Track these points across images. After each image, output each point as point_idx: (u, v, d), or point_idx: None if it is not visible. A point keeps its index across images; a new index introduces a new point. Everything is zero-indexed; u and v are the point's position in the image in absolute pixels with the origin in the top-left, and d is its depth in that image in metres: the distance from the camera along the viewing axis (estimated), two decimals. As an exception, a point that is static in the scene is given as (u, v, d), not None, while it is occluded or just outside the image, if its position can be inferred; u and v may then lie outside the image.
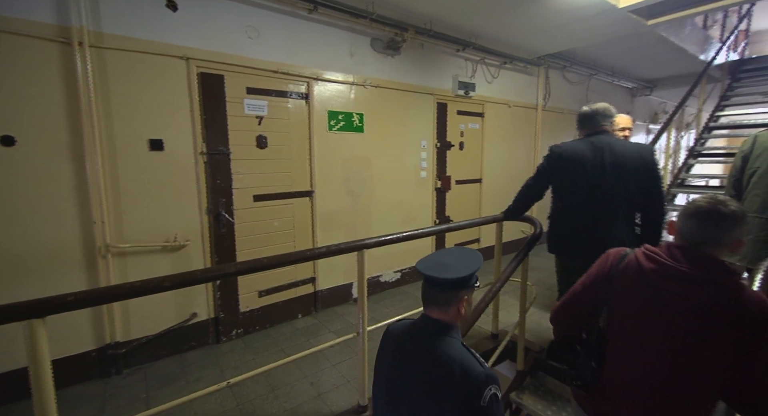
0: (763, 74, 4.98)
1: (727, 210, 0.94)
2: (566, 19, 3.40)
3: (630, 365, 1.04)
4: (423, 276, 1.02)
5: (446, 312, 1.00)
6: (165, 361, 2.41)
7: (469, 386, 0.88)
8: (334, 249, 1.70)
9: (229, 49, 2.55)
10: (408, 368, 1.00)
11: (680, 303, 0.95)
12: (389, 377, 1.06)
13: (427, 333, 1.00)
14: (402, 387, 1.01)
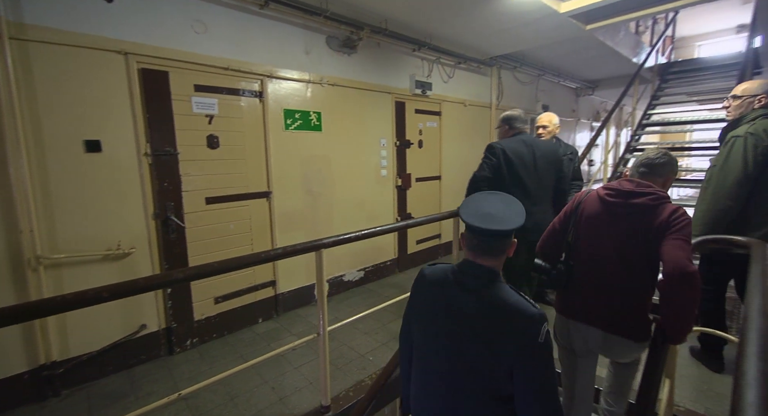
0: (686, 76, 5.51)
1: (660, 160, 1.43)
2: (513, 23, 3.57)
3: (587, 262, 1.50)
4: (478, 231, 0.98)
5: (497, 259, 1.02)
6: (111, 378, 2.25)
7: (526, 326, 0.92)
8: (291, 250, 1.68)
9: (174, 44, 2.41)
10: (458, 314, 1.00)
11: (621, 209, 1.42)
12: (431, 325, 1.05)
13: (477, 280, 1.00)
14: (450, 336, 1.01)
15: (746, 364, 0.69)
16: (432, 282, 1.09)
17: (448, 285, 1.04)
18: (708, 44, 9.62)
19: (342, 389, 2.08)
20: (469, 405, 0.99)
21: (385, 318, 2.94)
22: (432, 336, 1.05)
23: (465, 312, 0.99)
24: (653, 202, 1.36)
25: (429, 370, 1.06)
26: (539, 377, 0.92)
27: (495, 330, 0.95)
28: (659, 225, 1.33)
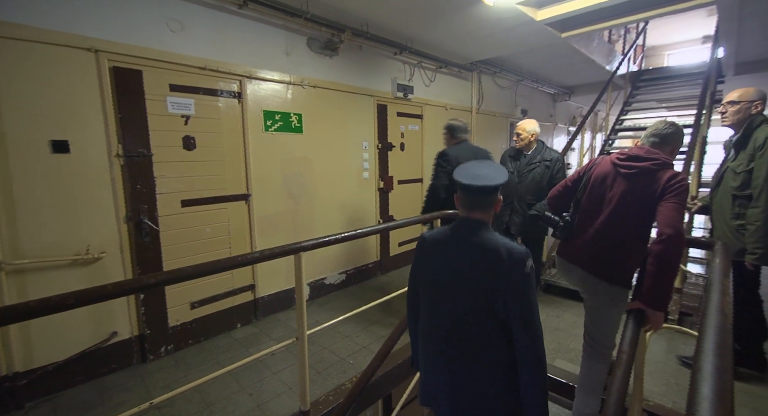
0: (656, 83, 5.76)
1: (669, 130, 1.63)
2: (492, 29, 3.65)
3: (586, 213, 1.72)
4: (470, 187, 1.18)
5: (488, 212, 1.22)
6: (79, 388, 2.15)
7: (515, 261, 1.12)
8: (269, 253, 1.65)
9: (149, 42, 2.35)
10: (458, 260, 1.20)
11: (626, 170, 1.60)
12: (437, 274, 1.25)
13: (471, 231, 1.20)
14: (453, 279, 1.21)
15: (703, 359, 0.72)
16: (434, 241, 1.29)
17: (449, 239, 1.25)
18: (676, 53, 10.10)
19: (322, 393, 2.06)
20: (474, 339, 1.18)
21: (367, 321, 2.93)
22: (439, 283, 1.25)
23: (465, 257, 1.19)
24: (655, 167, 1.54)
25: (437, 314, 1.25)
26: (527, 302, 1.13)
27: (491, 267, 1.14)
28: (657, 188, 1.51)
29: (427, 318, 1.29)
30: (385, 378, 2.28)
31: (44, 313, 1.08)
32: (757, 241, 1.84)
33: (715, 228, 2.18)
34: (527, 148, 2.92)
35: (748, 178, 1.91)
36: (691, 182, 3.18)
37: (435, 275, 1.26)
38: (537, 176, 2.82)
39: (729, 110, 2.05)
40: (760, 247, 1.84)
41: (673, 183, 1.48)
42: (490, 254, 1.15)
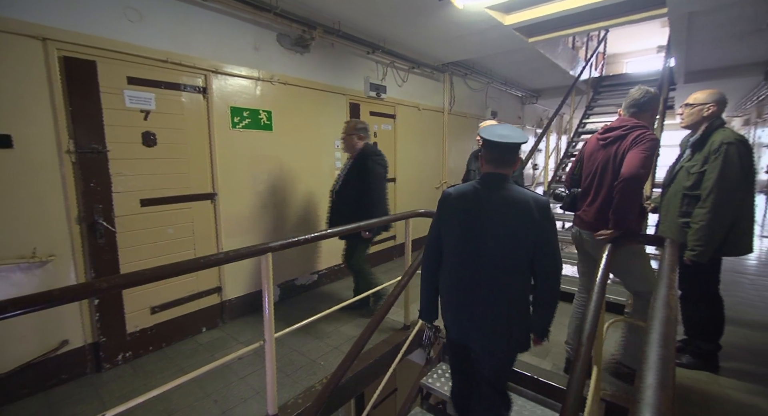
0: (616, 89, 6.09)
1: (644, 98, 1.92)
2: (462, 32, 3.72)
3: (586, 188, 2.08)
4: (500, 145, 1.45)
5: (511, 167, 1.50)
6: (25, 402, 1.99)
7: (541, 206, 1.44)
8: (234, 254, 1.60)
9: (104, 32, 2.21)
10: (492, 207, 1.47)
11: (604, 142, 1.95)
12: (469, 221, 1.50)
13: (500, 183, 1.48)
14: (487, 223, 1.47)
15: (649, 350, 0.77)
16: (460, 194, 1.55)
17: (479, 191, 1.51)
18: (634, 61, 10.73)
19: (291, 396, 2.02)
20: (508, 269, 1.46)
21: (338, 322, 2.91)
22: (472, 228, 1.49)
23: (498, 204, 1.47)
24: (625, 132, 1.80)
25: (471, 254, 1.49)
26: (552, 238, 1.45)
27: (522, 211, 1.43)
28: (626, 148, 1.76)
29: (458, 260, 1.53)
30: (357, 378, 2.27)
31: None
32: (699, 240, 1.95)
33: (661, 223, 2.28)
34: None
35: (700, 178, 2.00)
36: (645, 183, 3.38)
37: (466, 222, 1.51)
38: None
39: (685, 112, 2.14)
40: (700, 245, 1.95)
41: (638, 136, 1.73)
42: (519, 201, 1.44)
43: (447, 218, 1.56)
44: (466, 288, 1.52)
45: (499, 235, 1.45)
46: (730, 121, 8.88)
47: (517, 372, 2.21)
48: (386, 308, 1.96)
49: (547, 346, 2.49)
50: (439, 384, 2.29)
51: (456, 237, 1.53)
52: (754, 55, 4.68)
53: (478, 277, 1.48)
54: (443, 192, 1.60)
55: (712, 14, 3.44)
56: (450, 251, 1.56)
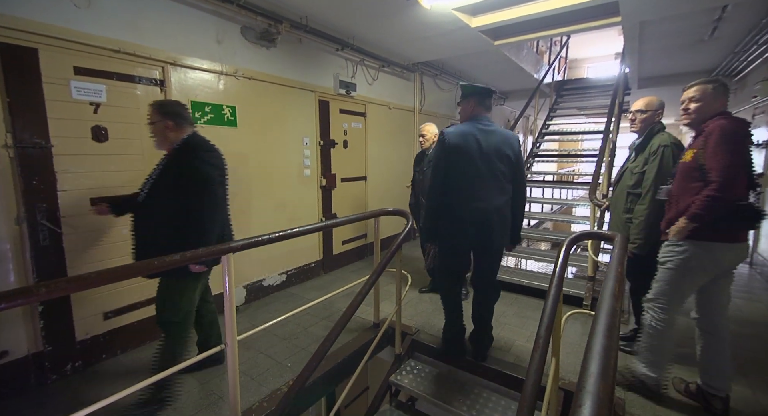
0: (577, 92, 6.40)
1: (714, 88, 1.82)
2: (430, 32, 3.76)
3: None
4: (489, 91, 2.23)
5: (491, 111, 2.25)
6: (-44, 421, 1.82)
7: (516, 137, 2.22)
8: (191, 256, 1.53)
9: (46, 17, 2.04)
10: (488, 139, 2.12)
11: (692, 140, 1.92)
12: (472, 151, 2.10)
13: (489, 122, 2.20)
14: (488, 150, 2.11)
15: (594, 340, 0.81)
16: (462, 133, 2.13)
17: (476, 129, 2.14)
18: (594, 66, 11.30)
19: (255, 400, 1.97)
20: (499, 186, 2.13)
21: (307, 322, 2.86)
22: (474, 160, 2.10)
23: (491, 137, 2.14)
24: (700, 124, 1.83)
25: (478, 173, 2.10)
26: (522, 159, 2.24)
27: (508, 141, 2.17)
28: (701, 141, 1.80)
29: (467, 179, 2.10)
30: (326, 378, 2.25)
31: None
32: (639, 233, 2.14)
33: (611, 219, 2.48)
34: (430, 148, 3.23)
35: (641, 178, 2.18)
36: (601, 183, 3.57)
37: (469, 155, 2.09)
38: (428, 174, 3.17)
39: (638, 118, 2.27)
40: (639, 238, 2.14)
41: (708, 130, 1.70)
42: (505, 134, 2.18)
43: (451, 155, 2.10)
44: (488, 200, 2.10)
45: (498, 160, 2.11)
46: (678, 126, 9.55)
47: (483, 365, 2.27)
48: (355, 306, 1.94)
49: (511, 340, 2.57)
50: (407, 381, 2.31)
51: (462, 172, 2.10)
52: (699, 63, 5.06)
53: (493, 190, 2.11)
54: (442, 134, 2.15)
55: (660, 24, 3.68)
56: (460, 178, 2.11)
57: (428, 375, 2.37)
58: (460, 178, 2.11)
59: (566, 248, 1.83)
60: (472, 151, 2.09)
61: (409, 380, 2.32)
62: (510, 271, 3.73)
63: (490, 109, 2.25)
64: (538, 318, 2.78)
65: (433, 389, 2.24)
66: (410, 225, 2.39)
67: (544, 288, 3.32)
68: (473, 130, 2.13)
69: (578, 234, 1.92)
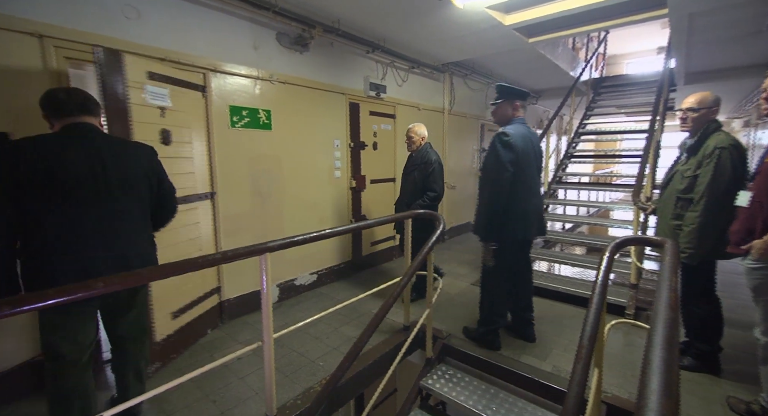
0: (616, 90, 6.09)
1: None
2: (462, 32, 3.71)
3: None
4: (527, 93, 2.40)
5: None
6: (23, 402, 1.97)
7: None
8: (232, 254, 1.59)
9: (102, 29, 2.19)
10: (535, 144, 2.37)
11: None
12: (528, 150, 2.29)
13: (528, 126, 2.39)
14: (536, 156, 2.39)
15: (652, 353, 0.76)
16: (521, 135, 2.26)
17: (528, 132, 2.33)
18: (634, 62, 10.74)
19: (290, 397, 2.01)
20: (539, 183, 2.46)
21: (338, 322, 2.90)
22: (531, 160, 2.31)
23: (535, 141, 2.37)
24: None
25: (531, 171, 2.32)
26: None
27: (540, 145, 2.46)
28: None
29: (526, 176, 2.25)
30: (357, 379, 2.26)
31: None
32: (689, 242, 1.97)
33: (657, 225, 2.31)
34: (415, 150, 3.17)
35: (693, 182, 2.01)
36: (645, 185, 3.37)
37: (528, 153, 2.26)
38: (416, 177, 3.05)
39: (690, 116, 2.10)
40: (690, 248, 1.97)
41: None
42: (536, 135, 2.42)
43: (516, 155, 2.19)
44: (539, 195, 2.38)
45: (539, 157, 2.41)
46: (730, 123, 8.88)
47: (518, 373, 2.20)
48: (386, 308, 1.94)
49: (548, 348, 2.48)
50: (438, 386, 2.28)
51: (525, 165, 2.24)
52: (754, 56, 4.67)
53: (539, 186, 2.40)
54: (505, 135, 2.20)
55: (712, 15, 3.43)
56: (530, 173, 2.28)
57: (460, 381, 2.33)
58: (524, 176, 2.26)
59: (610, 254, 1.74)
60: (530, 152, 2.30)
61: (440, 384, 2.29)
62: (544, 276, 3.61)
63: (526, 110, 2.43)
64: (575, 327, 2.70)
65: (465, 395, 2.20)
66: (442, 228, 2.37)
67: (581, 294, 3.18)
68: (525, 131, 2.31)
69: (623, 240, 1.82)
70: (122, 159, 1.59)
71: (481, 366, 2.38)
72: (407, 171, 3.19)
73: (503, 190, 2.19)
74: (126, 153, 1.62)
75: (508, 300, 2.54)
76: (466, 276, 3.99)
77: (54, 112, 1.52)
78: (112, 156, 1.55)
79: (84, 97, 1.57)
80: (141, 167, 1.66)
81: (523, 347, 2.48)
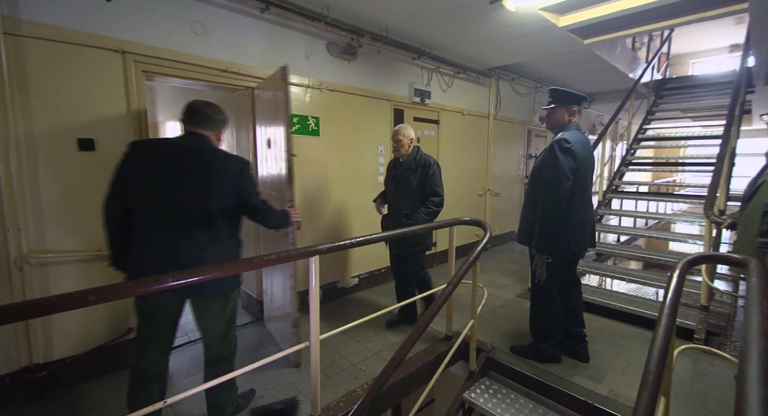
0: (681, 92, 5.60)
1: None
2: (512, 35, 3.61)
3: None
4: (585, 97, 2.28)
5: None
6: (96, 382, 2.19)
7: None
8: (284, 256, 1.64)
9: (173, 45, 2.40)
10: (590, 151, 2.29)
11: None
12: (587, 158, 2.21)
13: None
14: (592, 164, 2.29)
15: (748, 389, 0.68)
16: (581, 142, 2.16)
17: (585, 139, 2.23)
18: (702, 62, 9.83)
19: (332, 399, 2.04)
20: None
21: (378, 327, 2.90)
22: (588, 168, 2.20)
23: (589, 148, 2.25)
24: None
25: (589, 185, 2.24)
26: None
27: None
28: None
29: (584, 185, 2.17)
30: (398, 387, 2.25)
31: (66, 309, 1.10)
32: None
33: (738, 242, 2.06)
34: (404, 155, 2.76)
35: None
36: (719, 196, 3.06)
37: (586, 160, 2.16)
38: (414, 182, 2.69)
39: None
40: None
41: None
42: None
43: (578, 163, 2.10)
44: (592, 204, 2.28)
45: (593, 164, 2.30)
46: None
47: (570, 394, 2.07)
48: (431, 316, 1.92)
49: (603, 370, 2.31)
50: (482, 400, 2.20)
51: (589, 170, 2.18)
52: None
53: (590, 195, 2.26)
54: (566, 142, 2.08)
55: (803, 8, 3.06)
56: (585, 183, 2.17)
57: (505, 397, 2.24)
58: (582, 185, 2.18)
59: (681, 272, 1.60)
60: (588, 159, 2.21)
61: (484, 399, 2.21)
62: (596, 292, 3.38)
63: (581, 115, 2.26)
64: (633, 348, 2.50)
65: (511, 413, 2.10)
66: (489, 236, 2.30)
67: (640, 314, 2.94)
68: (582, 138, 2.21)
69: (697, 257, 1.66)
70: (211, 166, 1.65)
71: (529, 383, 2.26)
72: (397, 178, 2.75)
73: (563, 199, 2.07)
74: (216, 161, 1.68)
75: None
76: (509, 287, 3.84)
77: (180, 121, 1.74)
78: (202, 162, 1.64)
79: (201, 113, 1.71)
80: (228, 175, 1.69)
81: (575, 366, 2.33)
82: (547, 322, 2.34)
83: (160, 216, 1.60)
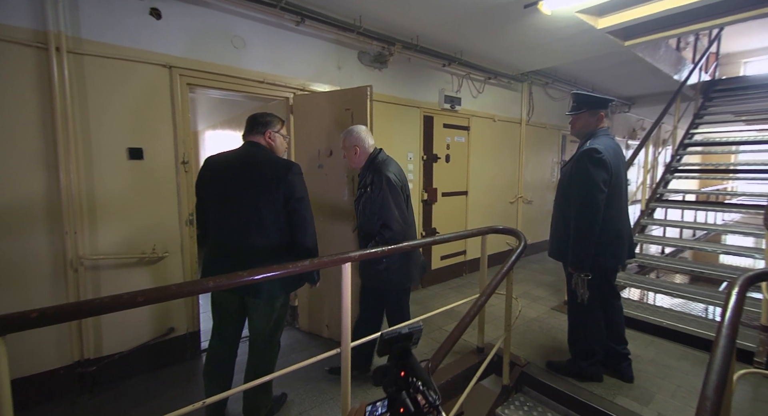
0: (733, 94, 5.22)
1: None
2: (547, 39, 3.52)
3: None
4: (611, 99, 2.14)
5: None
6: (139, 379, 2.30)
7: None
8: (318, 262, 1.67)
9: (214, 58, 2.52)
10: (622, 158, 2.15)
11: None
12: (623, 170, 2.14)
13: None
14: (624, 171, 2.15)
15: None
16: (613, 149, 2.04)
17: (616, 146, 2.10)
18: (755, 61, 9.13)
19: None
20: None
21: (407, 335, 2.86)
22: (621, 177, 2.08)
23: (621, 155, 2.12)
24: None
25: (624, 195, 2.14)
26: None
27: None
28: None
29: (618, 196, 2.07)
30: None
31: (116, 309, 1.16)
32: None
33: None
34: (355, 168, 2.27)
35: None
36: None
37: (619, 169, 2.05)
38: (364, 202, 2.11)
39: None
40: None
41: None
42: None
43: (618, 168, 2.03)
44: (626, 216, 2.16)
45: (625, 170, 2.18)
46: None
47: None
48: (462, 328, 1.87)
49: (650, 392, 2.16)
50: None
51: (621, 179, 2.08)
52: None
53: (626, 205, 2.16)
54: (597, 151, 1.96)
55: None
56: (619, 193, 2.07)
57: (537, 414, 2.13)
58: (616, 196, 2.07)
59: (741, 288, 1.48)
60: (621, 168, 2.09)
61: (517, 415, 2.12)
62: (640, 307, 3.18)
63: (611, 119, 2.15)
64: (684, 369, 2.33)
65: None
66: (524, 246, 2.23)
67: (691, 332, 2.73)
68: (613, 144, 2.08)
69: (759, 273, 1.53)
70: (258, 170, 1.74)
71: (567, 401, 2.15)
72: (358, 196, 2.20)
73: (597, 215, 1.96)
74: (263, 164, 1.75)
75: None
76: (544, 299, 3.69)
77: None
78: (251, 167, 1.74)
79: (249, 122, 1.84)
80: (273, 175, 1.73)
81: (618, 386, 2.19)
82: (588, 338, 2.22)
83: (223, 223, 1.77)
